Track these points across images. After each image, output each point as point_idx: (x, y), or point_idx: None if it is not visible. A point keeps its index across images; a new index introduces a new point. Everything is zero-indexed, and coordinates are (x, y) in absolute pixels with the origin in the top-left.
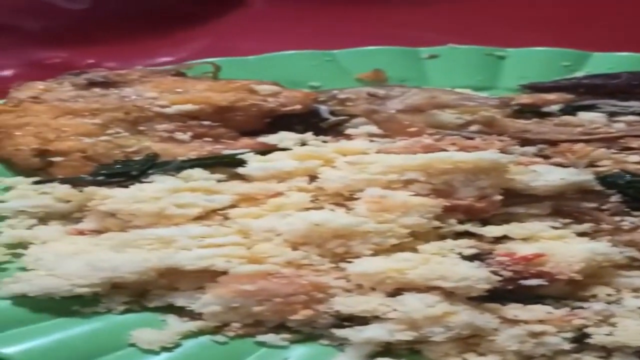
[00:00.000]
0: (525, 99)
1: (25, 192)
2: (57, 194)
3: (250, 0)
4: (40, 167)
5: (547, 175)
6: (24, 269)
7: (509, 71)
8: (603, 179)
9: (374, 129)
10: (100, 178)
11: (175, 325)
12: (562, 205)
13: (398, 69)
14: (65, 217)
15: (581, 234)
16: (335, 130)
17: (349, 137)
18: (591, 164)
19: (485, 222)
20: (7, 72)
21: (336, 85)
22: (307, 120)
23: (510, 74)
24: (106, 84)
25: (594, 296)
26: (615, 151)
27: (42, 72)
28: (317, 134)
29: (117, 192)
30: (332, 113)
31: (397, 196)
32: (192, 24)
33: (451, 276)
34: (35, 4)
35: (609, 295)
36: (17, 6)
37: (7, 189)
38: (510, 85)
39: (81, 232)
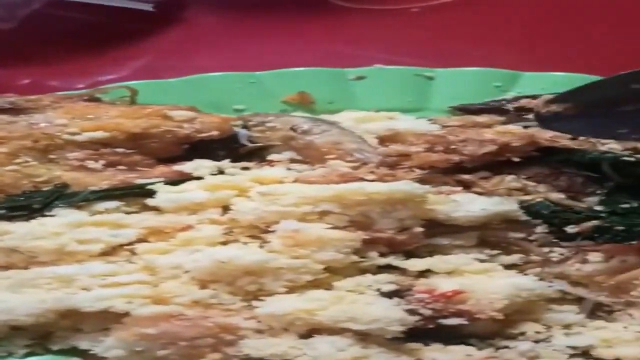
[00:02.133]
0: (455, 121)
1: None
2: None
3: (191, 17)
4: None
5: (468, 205)
6: None
7: (439, 92)
8: (527, 208)
9: (296, 155)
10: (2, 212)
11: None
12: (489, 236)
13: (325, 90)
14: None
15: (509, 267)
16: (258, 155)
17: (271, 163)
18: (508, 193)
19: (408, 255)
20: None
21: (261, 108)
22: (227, 146)
23: (440, 95)
24: (15, 111)
25: (522, 334)
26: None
27: None
28: (237, 160)
29: (17, 227)
30: (251, 139)
31: (312, 230)
32: (130, 42)
33: (362, 317)
34: None
35: (537, 332)
36: None
37: None
38: (440, 107)
39: None
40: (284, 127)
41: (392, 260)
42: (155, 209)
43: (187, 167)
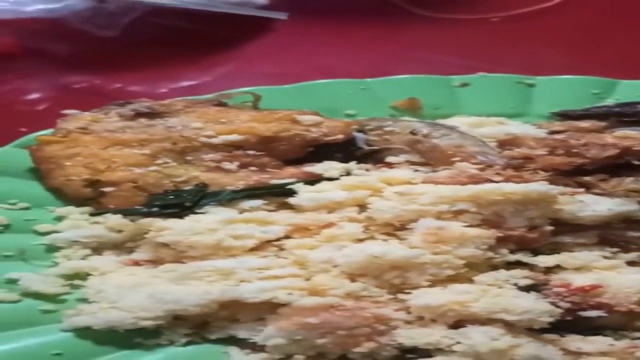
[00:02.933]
0: (558, 126)
1: (78, 222)
2: (109, 224)
3: (274, 25)
4: (91, 197)
5: (594, 206)
6: (83, 301)
7: (539, 99)
8: None
9: (412, 157)
10: (155, 209)
11: (238, 357)
12: (609, 235)
13: (431, 96)
14: (118, 247)
15: (630, 263)
16: (373, 158)
17: (389, 165)
18: (626, 195)
19: (535, 252)
20: (34, 96)
21: (371, 113)
22: (345, 149)
23: (540, 102)
24: (152, 115)
25: None
26: None
27: (68, 96)
28: (356, 161)
29: (173, 223)
30: (368, 142)
31: (453, 227)
32: (217, 49)
33: (514, 309)
34: (65, 30)
35: None
36: (47, 31)
37: (59, 218)
38: (541, 113)
39: (137, 263)
40: (403, 131)
41: (521, 257)
42: (293, 207)
43: (317, 168)
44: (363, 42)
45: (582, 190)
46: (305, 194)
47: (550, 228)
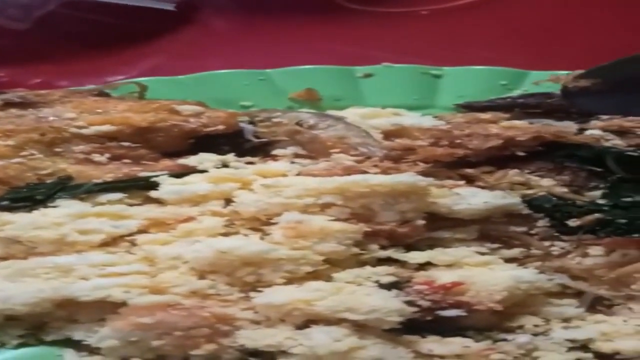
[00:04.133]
0: (460, 118)
1: None
2: None
3: (202, 18)
4: None
5: (470, 199)
6: None
7: (445, 90)
8: (530, 202)
9: (300, 150)
10: (5, 203)
11: None
12: (490, 230)
13: (333, 88)
14: None
15: (510, 260)
16: (262, 150)
17: (275, 158)
18: (511, 187)
19: (409, 248)
20: None
21: (268, 104)
22: (232, 141)
23: (446, 93)
24: (24, 105)
25: (520, 327)
26: (529, 172)
27: None
28: (242, 155)
29: (19, 217)
30: (256, 134)
31: (315, 221)
32: (142, 42)
33: (360, 308)
34: None
35: (536, 325)
36: None
37: None
38: (446, 104)
39: None
40: (290, 122)
41: (392, 253)
42: (157, 201)
43: (191, 160)
44: (285, 35)
45: (462, 183)
46: (167, 186)
47: (422, 222)
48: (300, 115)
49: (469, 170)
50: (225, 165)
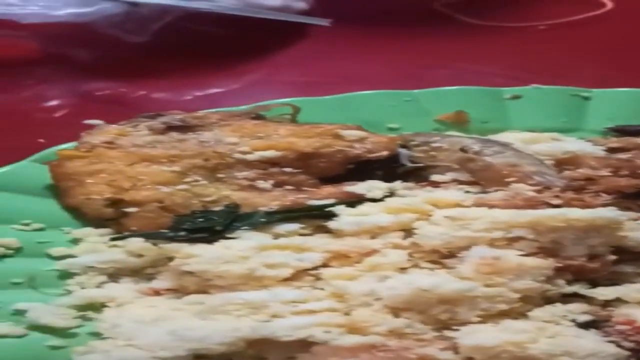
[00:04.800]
0: (615, 142)
1: (96, 246)
2: (130, 247)
3: (310, 32)
4: (113, 217)
5: None
6: (96, 336)
7: (594, 113)
8: None
9: (460, 175)
10: (182, 233)
11: None
12: None
13: (480, 109)
14: (136, 273)
15: None
16: (416, 175)
17: (434, 184)
18: None
19: (593, 283)
20: (53, 103)
21: (415, 126)
22: (386, 166)
23: (596, 116)
24: (184, 128)
25: None
26: None
27: (90, 104)
28: (396, 180)
29: (201, 250)
30: (412, 159)
31: (510, 257)
32: (248, 56)
33: (577, 351)
34: (92, 35)
35: None
36: (74, 37)
37: (75, 241)
38: (596, 128)
39: (157, 292)
40: (452, 147)
41: (578, 288)
42: (330, 231)
43: (358, 187)
44: (404, 51)
45: None
46: (346, 217)
47: (612, 257)
48: (463, 140)
49: None
50: (392, 192)
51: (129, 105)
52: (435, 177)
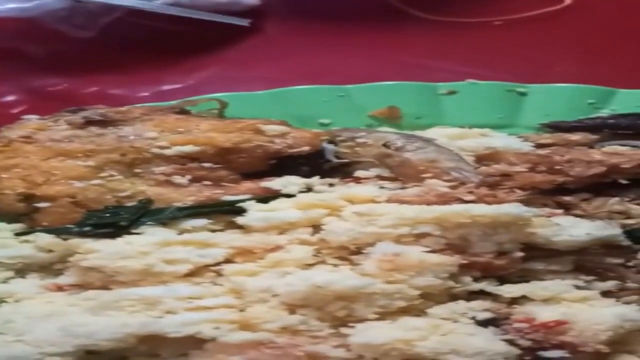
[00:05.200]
0: (547, 139)
1: (6, 241)
2: (39, 243)
3: (263, 27)
4: (25, 212)
5: (571, 230)
6: None
7: (530, 108)
8: (630, 233)
9: (383, 171)
10: (87, 228)
11: None
12: (585, 261)
13: (414, 105)
14: (45, 268)
15: (606, 293)
16: (342, 171)
17: (357, 179)
18: (610, 217)
19: (501, 280)
20: (9, 98)
21: (348, 122)
22: (312, 161)
23: (531, 112)
24: (104, 123)
25: None
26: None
27: (42, 100)
28: (322, 176)
29: (103, 245)
30: (337, 154)
31: (412, 254)
32: (201, 52)
33: (465, 349)
34: (40, 30)
35: None
36: (21, 31)
37: None
38: (531, 124)
39: (60, 288)
40: (375, 143)
41: (485, 285)
42: (241, 227)
43: (275, 183)
44: (356, 47)
45: (560, 211)
46: (255, 213)
47: (520, 254)
48: (386, 136)
49: (567, 198)
50: (309, 188)
51: (84, 101)
52: (359, 173)
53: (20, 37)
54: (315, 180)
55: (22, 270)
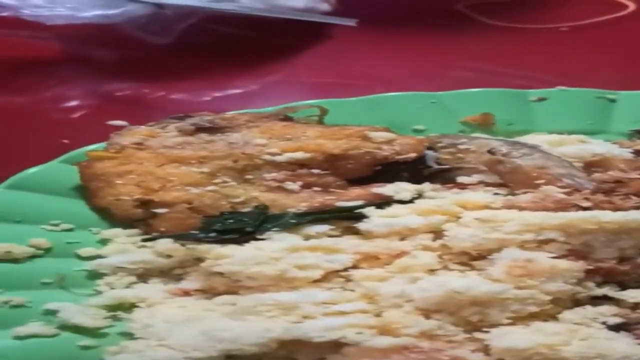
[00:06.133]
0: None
1: (125, 247)
2: (159, 248)
3: (332, 33)
4: (142, 218)
5: None
6: (127, 336)
7: (620, 115)
8: None
9: (487, 177)
10: (212, 234)
11: None
12: None
13: (505, 111)
14: (165, 274)
15: None
16: (442, 177)
17: (461, 185)
18: None
19: (622, 285)
20: (74, 103)
21: (441, 128)
22: (413, 167)
23: (621, 118)
24: (213, 130)
25: None
26: None
27: (110, 104)
28: (422, 181)
29: (233, 251)
30: (438, 161)
31: (542, 260)
32: (270, 57)
33: (610, 354)
34: (116, 36)
35: None
36: (96, 37)
37: (104, 241)
38: (622, 130)
39: (186, 293)
40: (479, 149)
41: (607, 290)
42: (359, 232)
43: (386, 189)
44: (426, 52)
45: None
46: (376, 219)
47: None
48: (490, 142)
49: None
50: (420, 194)
51: (148, 105)
52: (461, 179)
53: (94, 44)
54: (425, 186)
55: (143, 275)
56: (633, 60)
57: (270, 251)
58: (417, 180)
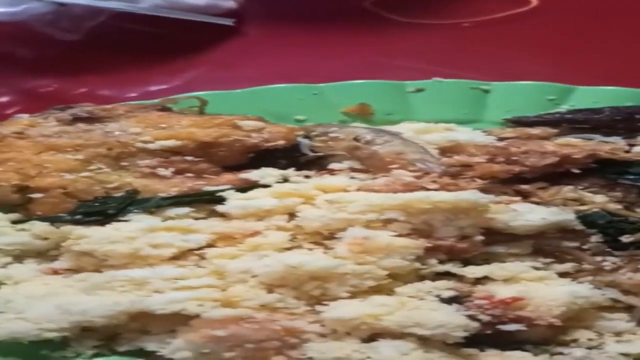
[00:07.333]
0: (509, 132)
1: (3, 229)
2: (35, 231)
3: (246, 29)
4: (20, 203)
5: (527, 215)
6: None
7: (494, 105)
8: (583, 218)
9: (355, 164)
10: (78, 217)
11: None
12: (543, 245)
13: (384, 102)
14: (42, 254)
15: (563, 274)
16: (317, 164)
17: (331, 171)
18: (564, 203)
19: (465, 262)
20: (2, 99)
21: (321, 118)
22: (289, 155)
23: (495, 108)
24: (91, 119)
25: (574, 341)
26: (582, 188)
27: (34, 101)
28: (299, 168)
29: (93, 231)
30: (312, 148)
31: (380, 237)
32: (186, 53)
33: (427, 323)
34: (28, 33)
35: (590, 339)
36: (10, 35)
37: None
38: (495, 119)
39: (56, 272)
40: (347, 137)
41: (450, 267)
42: (222, 215)
43: (253, 175)
44: (331, 48)
45: (518, 199)
46: (234, 201)
47: (481, 238)
48: (357, 130)
49: (524, 187)
50: (285, 179)
51: (73, 101)
52: (333, 166)
53: (10, 41)
54: (290, 171)
55: (19, 256)
56: (531, 53)
57: (127, 231)
58: (295, 167)
